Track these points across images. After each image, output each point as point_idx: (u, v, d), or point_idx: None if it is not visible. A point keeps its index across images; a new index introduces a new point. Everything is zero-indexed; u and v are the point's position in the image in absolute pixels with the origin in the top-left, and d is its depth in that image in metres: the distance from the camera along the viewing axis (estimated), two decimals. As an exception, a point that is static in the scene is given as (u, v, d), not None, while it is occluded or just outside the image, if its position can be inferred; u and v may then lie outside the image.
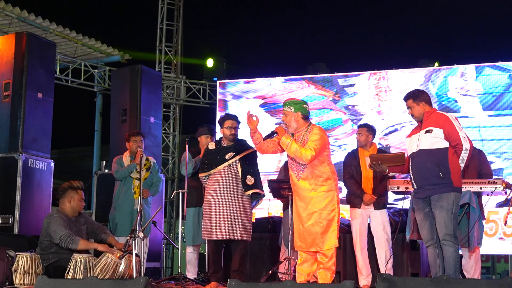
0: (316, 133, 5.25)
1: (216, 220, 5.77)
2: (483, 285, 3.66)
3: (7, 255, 5.49)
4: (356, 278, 6.18)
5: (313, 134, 5.24)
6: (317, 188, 5.22)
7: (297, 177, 5.29)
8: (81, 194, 5.89)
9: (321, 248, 5.19)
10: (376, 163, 5.24)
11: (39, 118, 7.47)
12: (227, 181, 5.85)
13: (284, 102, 5.40)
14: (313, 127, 5.33)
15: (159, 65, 11.97)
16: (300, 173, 5.27)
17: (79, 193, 5.86)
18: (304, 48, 14.89)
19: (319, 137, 5.21)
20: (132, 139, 6.77)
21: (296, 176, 5.30)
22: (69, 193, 5.84)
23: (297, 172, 5.29)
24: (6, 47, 7.50)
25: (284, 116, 5.36)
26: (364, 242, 6.26)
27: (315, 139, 5.19)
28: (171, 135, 12.05)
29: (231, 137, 5.99)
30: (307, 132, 5.29)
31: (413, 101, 5.12)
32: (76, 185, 5.90)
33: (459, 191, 4.95)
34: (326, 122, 10.09)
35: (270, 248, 6.98)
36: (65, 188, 5.88)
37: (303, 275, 5.34)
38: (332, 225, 5.20)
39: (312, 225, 5.20)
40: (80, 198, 5.86)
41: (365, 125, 6.50)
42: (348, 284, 3.61)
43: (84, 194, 5.97)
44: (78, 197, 5.84)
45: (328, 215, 5.19)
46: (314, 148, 5.14)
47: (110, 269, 5.36)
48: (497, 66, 9.56)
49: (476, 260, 5.96)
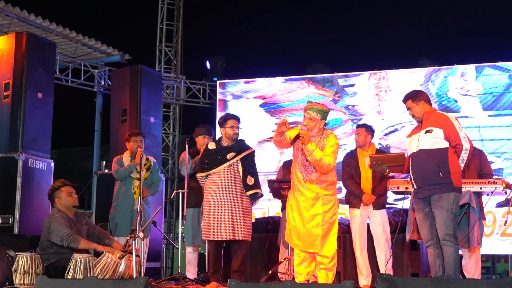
0: (333, 140, 5.34)
1: (218, 220, 5.77)
2: (483, 285, 3.66)
3: (7, 255, 5.48)
4: (356, 278, 6.18)
5: (330, 140, 5.33)
6: (323, 191, 5.31)
7: (304, 179, 5.33)
8: (67, 189, 5.84)
9: (319, 251, 5.23)
10: (376, 163, 5.25)
11: (39, 118, 7.47)
12: (228, 181, 5.85)
13: (311, 106, 5.35)
14: (329, 134, 5.41)
15: (159, 65, 11.96)
16: (309, 175, 5.32)
17: (62, 189, 5.83)
18: (304, 48, 14.89)
19: (336, 146, 5.34)
20: (133, 139, 6.77)
21: (304, 178, 5.34)
22: (55, 195, 5.84)
23: (306, 174, 5.33)
24: (6, 47, 7.50)
25: (309, 120, 5.32)
26: (363, 242, 6.26)
27: (333, 147, 5.30)
28: (171, 135, 12.05)
29: (235, 136, 5.99)
30: (323, 138, 5.37)
31: (412, 102, 5.12)
32: (57, 185, 5.90)
33: (459, 191, 4.95)
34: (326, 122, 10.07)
35: (270, 248, 6.98)
36: (50, 193, 5.89)
37: (302, 275, 5.35)
38: (332, 229, 5.31)
39: (314, 227, 5.24)
40: (67, 193, 5.82)
41: (363, 125, 6.50)
42: (348, 284, 3.61)
43: (71, 187, 5.92)
44: (64, 194, 5.81)
45: (331, 218, 5.30)
46: (333, 157, 5.24)
47: (110, 269, 5.35)
48: (497, 66, 9.56)
49: (476, 260, 5.96)
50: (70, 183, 5.95)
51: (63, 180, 5.96)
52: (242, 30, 14.96)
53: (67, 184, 5.92)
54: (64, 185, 5.89)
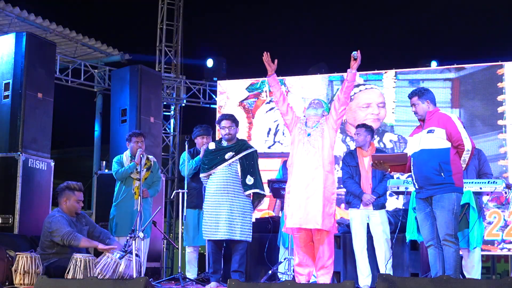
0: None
1: (216, 220, 5.78)
2: (483, 285, 3.67)
3: (7, 255, 5.49)
4: (356, 278, 6.18)
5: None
6: (323, 167, 5.28)
7: (307, 151, 5.32)
8: (78, 196, 5.88)
9: (320, 225, 5.17)
10: (378, 162, 5.24)
11: (39, 118, 7.46)
12: (227, 181, 5.86)
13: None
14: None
15: (159, 65, 11.97)
16: (311, 148, 5.31)
17: (76, 194, 5.87)
18: (304, 48, 14.87)
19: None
20: (133, 139, 6.77)
21: (306, 151, 5.32)
22: (65, 194, 5.86)
23: (308, 147, 5.32)
24: (6, 47, 7.49)
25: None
26: (363, 242, 6.25)
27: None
28: (171, 135, 12.05)
29: (227, 136, 6.00)
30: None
31: (418, 99, 5.12)
32: (73, 186, 5.91)
33: (461, 192, 4.94)
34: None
35: (270, 248, 6.98)
36: (63, 188, 5.91)
37: (303, 275, 5.34)
38: (332, 207, 5.29)
39: (315, 200, 5.21)
40: (77, 199, 5.86)
41: (363, 125, 6.50)
42: (348, 284, 3.62)
43: (82, 195, 5.97)
44: (75, 198, 5.85)
45: (331, 195, 5.29)
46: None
47: (110, 269, 5.36)
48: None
49: (477, 261, 5.96)
50: (83, 190, 5.98)
51: (81, 185, 5.99)
52: (242, 30, 14.94)
53: (82, 190, 5.94)
54: (79, 190, 5.92)
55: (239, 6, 15.29)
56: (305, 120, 5.48)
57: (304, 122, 5.48)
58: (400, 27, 14.15)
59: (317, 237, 5.30)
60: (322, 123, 5.40)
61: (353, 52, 5.29)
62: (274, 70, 5.50)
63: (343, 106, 5.39)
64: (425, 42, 14.31)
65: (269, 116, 10.54)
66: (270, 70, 5.50)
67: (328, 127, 5.37)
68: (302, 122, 5.48)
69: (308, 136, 5.36)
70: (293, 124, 5.49)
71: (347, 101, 5.44)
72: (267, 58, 5.49)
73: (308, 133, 5.37)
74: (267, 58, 5.48)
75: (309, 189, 5.24)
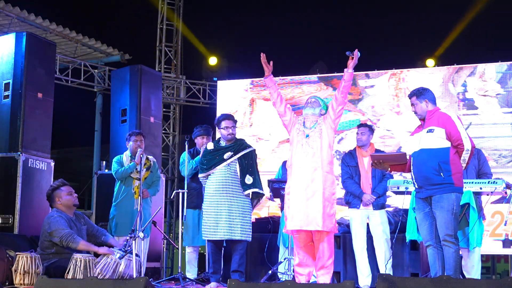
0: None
1: (215, 220, 5.78)
2: (483, 285, 3.67)
3: (7, 255, 5.48)
4: (356, 278, 6.18)
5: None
6: (322, 168, 5.24)
7: (306, 153, 5.28)
8: (66, 189, 5.87)
9: (320, 227, 5.16)
10: (377, 162, 5.24)
11: (39, 118, 7.46)
12: (226, 181, 5.86)
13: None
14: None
15: (159, 65, 11.97)
16: (310, 149, 5.27)
17: (62, 189, 5.86)
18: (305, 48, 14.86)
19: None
20: (133, 139, 6.78)
21: (305, 152, 5.28)
22: (54, 195, 5.85)
23: (307, 149, 5.29)
24: (6, 47, 7.49)
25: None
26: (363, 242, 6.25)
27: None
28: (171, 135, 12.06)
29: (229, 136, 6.00)
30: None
31: (416, 98, 5.12)
32: (56, 185, 5.91)
33: (460, 192, 4.94)
34: (344, 123, 10.09)
35: (270, 248, 6.98)
36: (49, 193, 5.91)
37: (303, 275, 5.34)
38: (332, 207, 5.24)
39: (315, 201, 5.18)
40: (67, 192, 5.85)
41: (366, 125, 6.51)
42: (348, 284, 3.62)
43: (71, 187, 5.94)
44: (64, 193, 5.84)
45: (331, 196, 5.24)
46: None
47: (110, 269, 5.36)
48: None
49: (476, 260, 5.96)
50: (68, 183, 5.97)
51: (62, 180, 5.99)
52: (242, 30, 14.93)
53: (66, 183, 5.94)
54: (64, 184, 5.91)
55: (239, 6, 15.28)
56: (303, 120, 5.47)
57: (302, 122, 5.46)
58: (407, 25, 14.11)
59: (317, 237, 5.29)
60: (320, 123, 5.39)
61: (347, 52, 5.29)
62: (270, 71, 5.50)
63: (340, 106, 5.38)
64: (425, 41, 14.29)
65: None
66: (267, 71, 5.50)
67: (326, 127, 5.36)
68: (300, 123, 5.46)
69: (306, 138, 5.34)
70: (291, 124, 5.48)
71: (345, 100, 5.42)
72: (264, 60, 5.50)
73: (307, 134, 5.35)
74: (264, 59, 5.49)
75: (308, 191, 5.22)
